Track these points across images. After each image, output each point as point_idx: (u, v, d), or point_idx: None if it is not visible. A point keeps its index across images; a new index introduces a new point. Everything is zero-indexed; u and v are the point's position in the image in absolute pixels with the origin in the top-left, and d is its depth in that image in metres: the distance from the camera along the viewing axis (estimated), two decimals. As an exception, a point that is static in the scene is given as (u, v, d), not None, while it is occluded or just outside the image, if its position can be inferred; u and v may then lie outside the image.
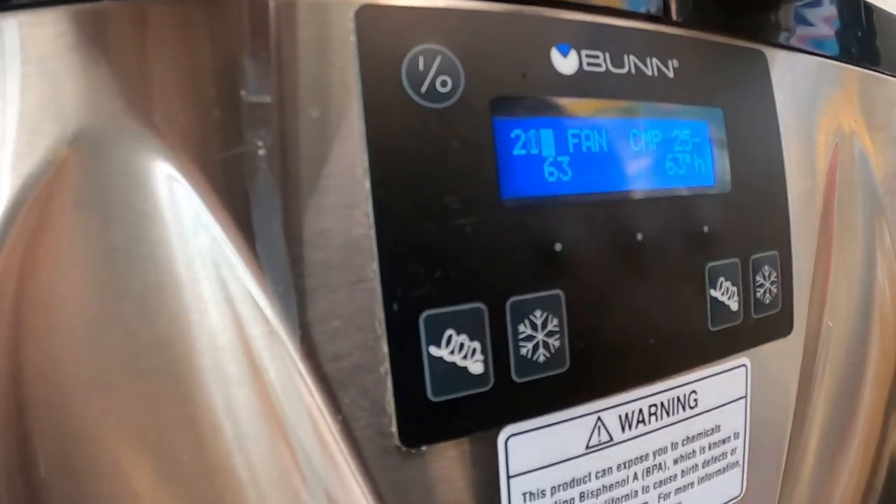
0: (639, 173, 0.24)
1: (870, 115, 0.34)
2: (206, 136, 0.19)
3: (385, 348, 0.20)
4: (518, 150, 0.21)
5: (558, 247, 0.21)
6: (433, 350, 0.20)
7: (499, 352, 0.21)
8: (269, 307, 0.19)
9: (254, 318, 0.19)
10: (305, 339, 0.19)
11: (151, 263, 0.18)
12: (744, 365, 0.27)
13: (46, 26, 0.18)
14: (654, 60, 0.25)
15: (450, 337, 0.20)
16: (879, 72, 0.35)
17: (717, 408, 0.26)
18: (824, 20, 0.32)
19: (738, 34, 0.28)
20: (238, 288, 0.19)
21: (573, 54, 0.23)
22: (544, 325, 0.21)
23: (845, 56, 0.33)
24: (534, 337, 0.21)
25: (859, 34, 0.34)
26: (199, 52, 0.19)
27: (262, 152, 0.19)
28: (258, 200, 0.19)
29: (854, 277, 0.33)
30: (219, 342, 0.18)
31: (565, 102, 0.23)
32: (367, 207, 0.19)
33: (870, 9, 0.35)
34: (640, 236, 0.23)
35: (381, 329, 0.20)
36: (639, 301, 0.23)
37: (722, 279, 0.25)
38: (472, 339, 0.20)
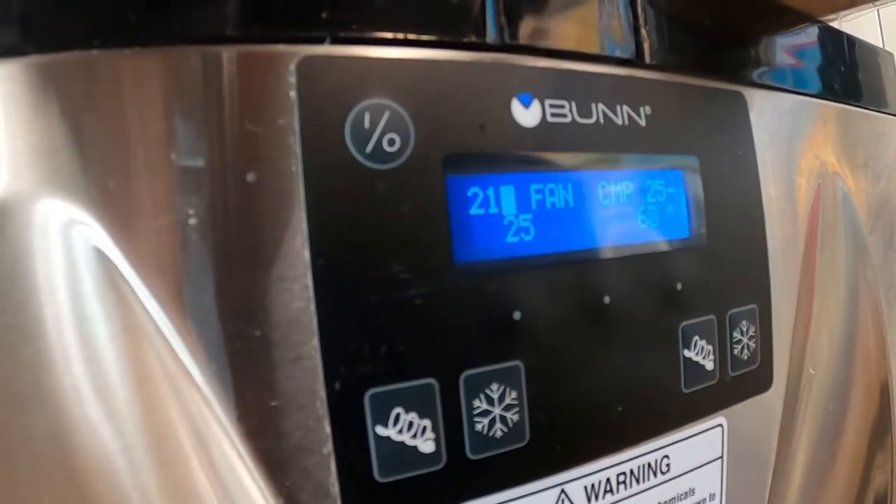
0: (608, 230, 0.22)
1: (853, 152, 0.33)
2: (133, 203, 0.17)
3: (328, 429, 0.18)
4: (475, 210, 0.20)
5: (517, 315, 0.20)
6: (379, 430, 0.18)
7: (451, 429, 0.19)
8: (205, 386, 0.18)
9: (189, 398, 0.18)
10: (243, 419, 0.18)
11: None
12: (720, 425, 0.25)
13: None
14: (625, 108, 0.23)
15: (398, 415, 0.19)
16: (862, 107, 0.34)
17: (691, 471, 0.25)
18: (805, 56, 0.31)
19: (715, 75, 0.27)
20: (173, 366, 0.18)
21: (536, 104, 0.21)
22: (501, 398, 0.20)
23: (828, 92, 0.32)
24: (490, 412, 0.20)
25: (842, 69, 0.32)
26: (130, 110, 0.17)
27: (193, 221, 0.17)
28: (189, 273, 0.18)
29: (837, 321, 0.32)
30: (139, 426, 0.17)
31: (527, 156, 0.21)
32: (307, 279, 0.18)
33: (852, 41, 0.33)
34: (607, 299, 0.22)
35: (324, 409, 0.18)
36: (606, 367, 0.22)
37: (696, 338, 0.24)
38: (422, 416, 0.19)
